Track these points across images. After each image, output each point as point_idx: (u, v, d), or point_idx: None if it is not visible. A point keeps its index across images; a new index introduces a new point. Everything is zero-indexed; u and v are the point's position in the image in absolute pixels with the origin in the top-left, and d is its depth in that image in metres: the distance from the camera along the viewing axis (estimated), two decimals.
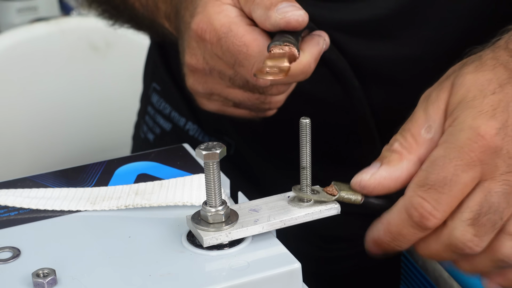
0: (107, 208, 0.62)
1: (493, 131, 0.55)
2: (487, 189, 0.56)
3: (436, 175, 0.56)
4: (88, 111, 1.35)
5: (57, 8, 2.16)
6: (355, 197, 0.59)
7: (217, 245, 0.56)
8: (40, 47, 1.32)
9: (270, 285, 0.54)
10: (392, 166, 0.58)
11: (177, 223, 0.59)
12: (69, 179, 0.66)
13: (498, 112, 0.56)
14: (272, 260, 0.55)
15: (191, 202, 0.61)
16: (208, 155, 0.54)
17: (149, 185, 0.64)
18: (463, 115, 0.56)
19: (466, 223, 0.56)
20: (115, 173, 0.67)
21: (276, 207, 0.58)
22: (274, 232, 0.58)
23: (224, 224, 0.56)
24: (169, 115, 0.97)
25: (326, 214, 0.58)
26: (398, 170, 0.58)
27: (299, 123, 0.57)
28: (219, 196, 0.56)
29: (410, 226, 0.57)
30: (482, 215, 0.55)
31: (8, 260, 0.55)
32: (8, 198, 0.63)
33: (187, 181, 0.64)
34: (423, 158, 0.58)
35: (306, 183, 0.58)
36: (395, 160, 0.58)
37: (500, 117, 0.56)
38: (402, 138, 0.59)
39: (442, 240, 0.57)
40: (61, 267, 0.54)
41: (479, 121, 0.56)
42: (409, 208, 0.56)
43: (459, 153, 0.55)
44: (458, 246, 0.57)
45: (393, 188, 0.58)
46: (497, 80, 0.58)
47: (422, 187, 0.56)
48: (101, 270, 0.54)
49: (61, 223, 0.60)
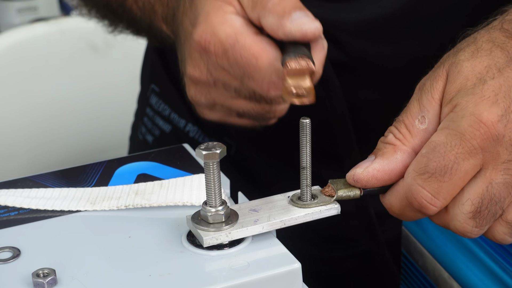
0: (107, 208, 0.62)
1: (495, 118, 0.54)
2: (489, 179, 0.55)
3: (437, 163, 0.55)
4: (88, 111, 1.35)
5: (57, 8, 2.16)
6: (353, 192, 0.59)
7: (217, 245, 0.56)
8: (40, 47, 1.32)
9: (270, 285, 0.54)
10: (385, 159, 0.58)
11: (177, 223, 0.59)
12: (69, 179, 0.66)
13: (500, 98, 0.55)
14: (272, 260, 0.55)
15: (191, 202, 0.61)
16: (208, 155, 0.54)
17: (149, 185, 0.64)
18: (464, 101, 0.56)
19: (467, 216, 0.56)
20: (115, 173, 0.67)
21: (276, 207, 0.58)
22: (274, 232, 0.58)
23: (224, 224, 0.56)
24: (169, 116, 0.97)
25: (326, 214, 0.58)
26: (392, 163, 0.58)
27: (299, 123, 0.57)
28: (219, 196, 0.56)
29: (412, 210, 0.57)
30: (483, 207, 0.55)
31: (8, 260, 0.55)
32: (8, 198, 0.63)
33: (187, 181, 0.64)
34: (418, 149, 0.58)
35: (306, 183, 0.58)
36: (389, 152, 0.58)
37: (502, 104, 0.55)
38: (396, 130, 0.59)
39: (444, 223, 0.58)
40: (61, 267, 0.54)
41: (481, 107, 0.55)
42: (409, 196, 0.56)
43: (460, 141, 0.55)
44: (458, 232, 0.57)
45: (388, 180, 0.58)
46: (495, 65, 0.57)
47: (422, 175, 0.56)
48: (101, 270, 0.54)
49: (61, 223, 0.60)
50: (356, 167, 0.58)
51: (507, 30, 0.60)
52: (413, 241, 0.72)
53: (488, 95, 0.55)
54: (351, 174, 0.58)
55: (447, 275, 0.68)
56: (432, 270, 0.70)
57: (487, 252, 0.65)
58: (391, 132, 0.59)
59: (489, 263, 0.64)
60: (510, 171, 0.55)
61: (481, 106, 0.55)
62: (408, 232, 0.73)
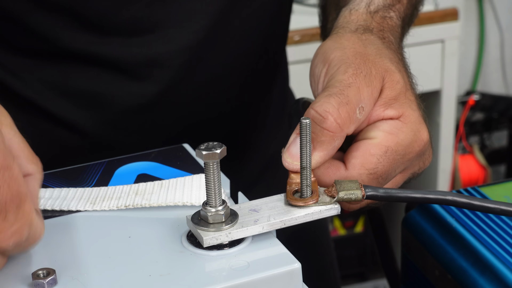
0: (107, 208, 0.61)
1: (427, 137, 0.65)
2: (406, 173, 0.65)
3: (385, 167, 0.61)
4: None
5: None
6: (355, 195, 0.58)
7: (217, 245, 0.56)
8: None
9: (270, 285, 0.53)
10: (324, 150, 0.61)
11: (177, 223, 0.59)
12: (69, 179, 0.66)
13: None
14: (272, 260, 0.55)
15: (191, 202, 0.61)
16: (208, 155, 0.54)
17: (149, 185, 0.64)
18: (409, 113, 0.63)
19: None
20: (115, 173, 0.67)
21: (276, 207, 0.58)
22: (274, 232, 0.58)
23: (224, 224, 0.56)
24: None
25: (326, 214, 0.58)
26: (331, 152, 0.61)
27: (299, 123, 0.57)
28: (219, 196, 0.56)
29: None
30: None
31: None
32: None
33: (187, 181, 0.64)
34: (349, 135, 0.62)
35: (306, 183, 0.58)
36: (328, 142, 0.61)
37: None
38: (337, 113, 0.60)
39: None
40: (61, 267, 0.54)
41: (423, 126, 0.64)
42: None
43: (405, 151, 0.63)
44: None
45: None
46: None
47: (370, 174, 0.61)
48: (101, 270, 0.54)
49: (61, 223, 0.60)
50: (292, 157, 0.61)
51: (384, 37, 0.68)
52: (413, 241, 0.72)
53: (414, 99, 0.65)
54: (287, 165, 0.61)
55: (447, 275, 0.68)
56: (432, 270, 0.70)
57: (487, 252, 0.65)
58: (331, 114, 0.60)
59: (489, 263, 0.64)
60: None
61: (423, 125, 0.63)
62: (408, 232, 0.73)
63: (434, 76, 1.91)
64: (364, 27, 0.68)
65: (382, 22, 0.69)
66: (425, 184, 2.04)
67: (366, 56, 0.64)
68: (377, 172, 0.61)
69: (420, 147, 0.63)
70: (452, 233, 0.68)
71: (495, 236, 0.66)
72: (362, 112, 0.61)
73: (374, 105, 0.63)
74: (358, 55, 0.64)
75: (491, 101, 2.34)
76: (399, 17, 0.72)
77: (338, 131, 0.60)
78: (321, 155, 0.60)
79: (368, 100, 0.62)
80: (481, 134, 2.37)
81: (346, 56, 0.63)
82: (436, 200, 0.60)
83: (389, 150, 0.61)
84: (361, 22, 0.69)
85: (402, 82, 0.64)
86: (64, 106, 0.81)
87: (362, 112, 0.61)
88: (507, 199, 0.71)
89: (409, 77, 0.66)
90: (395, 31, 0.71)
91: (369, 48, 0.65)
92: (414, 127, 0.63)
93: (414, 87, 0.66)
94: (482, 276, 0.64)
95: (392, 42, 0.69)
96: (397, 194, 0.59)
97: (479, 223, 0.68)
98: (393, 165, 0.62)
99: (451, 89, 1.94)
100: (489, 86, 2.50)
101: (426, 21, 1.84)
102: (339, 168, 0.61)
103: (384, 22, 0.70)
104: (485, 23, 2.44)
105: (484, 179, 2.27)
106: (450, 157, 2.03)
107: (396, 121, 0.63)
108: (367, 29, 0.68)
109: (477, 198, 0.60)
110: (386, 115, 0.63)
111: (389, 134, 0.62)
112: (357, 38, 0.66)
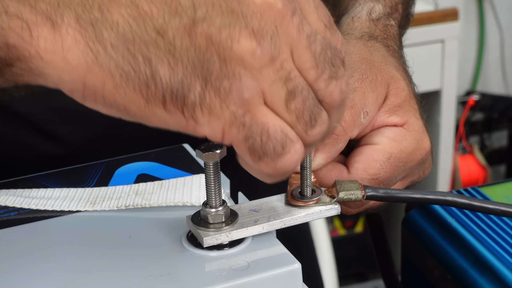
0: (107, 208, 0.61)
1: (429, 147, 0.65)
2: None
3: (388, 173, 0.62)
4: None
5: None
6: (355, 195, 0.58)
7: (217, 246, 0.56)
8: None
9: (270, 285, 0.53)
10: (327, 152, 0.61)
11: (177, 223, 0.59)
12: (69, 179, 0.66)
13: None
14: (272, 260, 0.55)
15: (191, 202, 0.61)
16: (208, 155, 0.54)
17: (149, 185, 0.64)
18: (413, 122, 0.64)
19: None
20: (115, 173, 0.67)
21: (276, 207, 0.58)
22: (274, 232, 0.58)
23: (224, 225, 0.56)
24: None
25: (326, 214, 0.58)
26: (333, 154, 0.61)
27: None
28: (219, 196, 0.56)
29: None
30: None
31: None
32: (8, 198, 0.63)
33: (187, 181, 0.64)
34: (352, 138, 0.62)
35: (306, 183, 0.58)
36: (331, 144, 0.61)
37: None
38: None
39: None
40: (61, 267, 0.54)
41: (426, 136, 0.65)
42: None
43: (407, 159, 0.64)
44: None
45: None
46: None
47: (372, 180, 0.62)
48: (101, 270, 0.54)
49: (61, 223, 0.60)
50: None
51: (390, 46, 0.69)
52: (413, 241, 0.72)
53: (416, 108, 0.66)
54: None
55: (447, 275, 0.68)
56: (432, 270, 0.70)
57: (487, 252, 0.65)
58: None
59: (489, 263, 0.64)
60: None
61: (426, 135, 0.64)
62: (408, 232, 0.73)
63: (434, 76, 1.92)
64: (369, 34, 0.68)
65: (385, 30, 0.70)
66: (425, 184, 2.04)
67: (372, 62, 0.64)
68: (379, 178, 0.61)
69: (422, 155, 0.64)
70: (452, 233, 0.68)
71: (495, 236, 0.66)
72: (366, 116, 0.62)
73: (379, 111, 0.63)
74: (364, 60, 0.64)
75: (491, 101, 2.34)
76: (398, 25, 0.73)
77: (341, 134, 0.60)
78: (324, 157, 0.61)
79: (372, 105, 0.62)
80: (481, 134, 2.38)
81: (352, 61, 0.64)
82: (436, 201, 0.60)
83: (392, 157, 0.62)
84: (365, 29, 0.69)
85: (407, 90, 0.64)
86: (51, 119, 0.81)
87: (366, 117, 0.62)
88: (507, 199, 0.71)
89: (412, 86, 0.67)
90: (396, 39, 0.71)
91: (374, 54, 0.65)
92: (418, 136, 0.63)
93: (416, 96, 0.67)
94: (482, 276, 0.64)
95: (396, 50, 0.69)
96: (397, 195, 0.59)
97: (479, 223, 0.68)
98: (395, 172, 0.62)
99: (451, 89, 1.94)
100: (489, 86, 2.50)
101: (426, 21, 1.84)
102: (342, 171, 0.62)
103: (387, 30, 0.70)
104: (485, 23, 2.45)
105: (484, 179, 2.27)
106: (450, 157, 2.03)
107: (400, 128, 0.63)
108: (372, 37, 0.68)
109: (477, 199, 0.60)
110: (391, 121, 0.63)
111: (392, 141, 0.62)
112: (362, 45, 0.66)
